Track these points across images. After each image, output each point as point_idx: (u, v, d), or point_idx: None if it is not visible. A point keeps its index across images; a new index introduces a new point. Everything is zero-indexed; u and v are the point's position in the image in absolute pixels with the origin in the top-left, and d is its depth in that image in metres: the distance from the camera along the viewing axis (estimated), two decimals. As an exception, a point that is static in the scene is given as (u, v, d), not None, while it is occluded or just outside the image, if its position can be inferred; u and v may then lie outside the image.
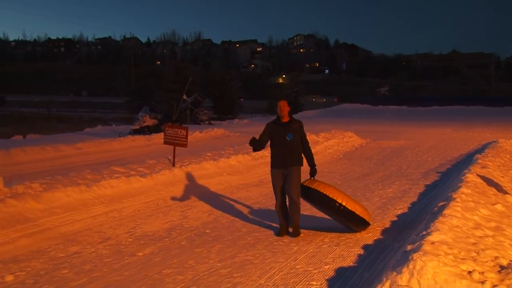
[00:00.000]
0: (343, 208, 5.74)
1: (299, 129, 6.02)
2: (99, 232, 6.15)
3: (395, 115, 34.10)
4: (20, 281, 4.58)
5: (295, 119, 6.07)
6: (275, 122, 6.08)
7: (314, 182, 5.95)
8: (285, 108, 5.98)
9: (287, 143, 5.89)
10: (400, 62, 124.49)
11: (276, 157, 5.98)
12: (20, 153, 12.35)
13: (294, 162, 5.91)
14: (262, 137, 6.07)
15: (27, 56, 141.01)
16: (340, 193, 5.88)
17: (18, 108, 50.40)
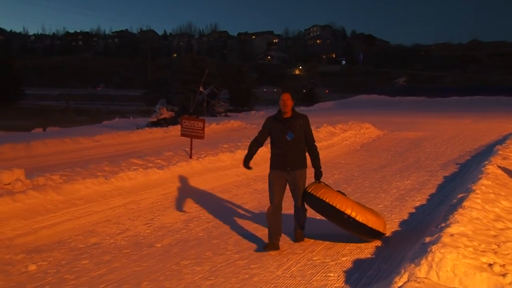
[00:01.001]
0: (353, 220, 5.01)
1: (302, 126, 5.21)
2: (118, 224, 6.22)
3: (413, 106, 33.68)
4: (43, 270, 4.67)
5: (299, 114, 5.27)
6: (275, 117, 5.25)
7: (319, 188, 5.19)
8: (289, 103, 5.14)
9: (288, 143, 5.11)
10: (418, 52, 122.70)
11: (277, 158, 5.20)
12: (41, 146, 12.55)
13: (297, 165, 5.17)
14: (260, 135, 5.32)
15: (46, 50, 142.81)
16: (349, 202, 5.13)
17: (37, 101, 51.15)
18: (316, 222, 5.86)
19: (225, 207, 7.11)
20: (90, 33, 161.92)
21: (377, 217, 5.23)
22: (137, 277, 4.50)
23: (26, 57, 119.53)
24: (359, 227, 5.05)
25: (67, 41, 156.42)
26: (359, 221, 5.01)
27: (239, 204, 7.23)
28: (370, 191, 7.99)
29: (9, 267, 4.74)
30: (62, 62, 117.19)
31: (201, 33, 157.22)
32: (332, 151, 12.64)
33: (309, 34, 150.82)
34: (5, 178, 6.47)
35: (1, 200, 5.94)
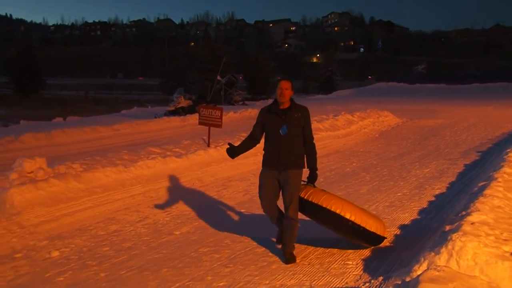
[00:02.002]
0: (352, 224, 4.41)
1: (300, 120, 4.47)
2: (137, 211, 6.30)
3: (433, 94, 33.19)
4: (65, 256, 4.77)
5: (298, 106, 4.52)
6: (269, 108, 4.55)
7: (310, 191, 4.53)
8: (287, 93, 4.42)
9: (281, 138, 4.41)
10: (438, 38, 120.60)
11: (269, 155, 4.52)
12: (61, 135, 12.74)
13: (292, 164, 4.43)
14: (254, 130, 4.65)
15: (66, 40, 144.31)
16: (346, 204, 4.52)
17: (57, 91, 51.80)
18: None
19: (243, 195, 7.14)
20: (108, 23, 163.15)
21: (375, 219, 4.62)
22: (157, 264, 4.56)
23: (46, 47, 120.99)
24: (358, 231, 4.44)
25: (85, 31, 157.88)
26: (360, 224, 4.42)
27: (257, 193, 7.23)
28: (389, 179, 7.93)
29: (34, 253, 4.85)
30: (80, 52, 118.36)
31: (218, 22, 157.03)
32: (351, 139, 12.56)
33: (326, 22, 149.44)
34: (27, 166, 6.58)
35: (24, 188, 6.06)
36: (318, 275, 4.18)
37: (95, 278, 4.25)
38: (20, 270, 4.44)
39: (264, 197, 4.56)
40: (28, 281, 4.20)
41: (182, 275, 4.27)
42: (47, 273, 4.37)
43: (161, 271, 4.36)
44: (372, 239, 4.54)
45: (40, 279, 4.24)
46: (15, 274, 4.35)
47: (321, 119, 13.88)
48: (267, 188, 4.53)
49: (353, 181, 7.87)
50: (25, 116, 21.07)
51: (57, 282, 4.17)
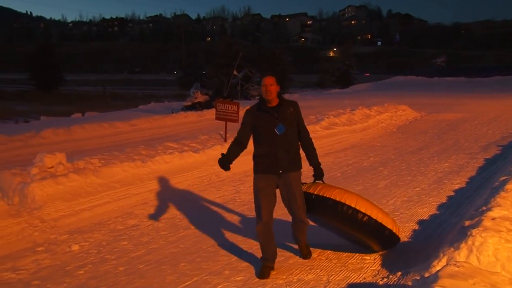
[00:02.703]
0: (368, 219, 4.03)
1: (294, 115, 4.11)
2: (155, 206, 6.35)
3: (452, 87, 32.71)
4: (85, 250, 4.84)
5: (287, 101, 4.15)
6: (258, 107, 4.11)
7: (320, 187, 4.23)
8: (273, 89, 3.99)
9: (278, 139, 4.00)
10: (458, 30, 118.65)
11: (264, 159, 4.05)
12: (80, 130, 12.90)
13: (291, 166, 4.07)
14: (241, 134, 4.16)
15: (84, 36, 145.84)
16: (361, 199, 4.18)
17: (76, 87, 52.43)
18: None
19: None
20: (125, 19, 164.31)
21: (391, 219, 4.27)
22: (175, 258, 4.59)
23: (64, 43, 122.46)
24: (375, 228, 4.07)
25: (103, 27, 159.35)
26: (377, 220, 4.04)
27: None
28: (406, 174, 7.86)
29: (55, 247, 4.93)
30: (98, 48, 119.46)
31: (234, 16, 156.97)
32: (368, 134, 12.47)
33: (343, 15, 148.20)
34: (48, 161, 6.68)
35: (45, 183, 6.16)
36: (335, 270, 4.16)
37: (114, 271, 4.30)
38: (41, 263, 4.52)
39: (264, 203, 4.01)
40: (50, 274, 4.28)
41: (199, 270, 4.30)
42: (68, 266, 4.44)
43: (179, 265, 4.40)
44: (387, 238, 4.16)
45: (61, 272, 4.31)
46: (37, 267, 4.43)
47: (338, 113, 13.79)
48: (267, 193, 4.03)
49: (371, 176, 7.81)
50: (45, 112, 21.40)
51: (78, 275, 4.23)
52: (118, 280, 4.13)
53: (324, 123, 12.34)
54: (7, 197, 5.96)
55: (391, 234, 4.16)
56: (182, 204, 6.41)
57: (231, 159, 4.19)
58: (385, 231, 4.12)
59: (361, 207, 4.06)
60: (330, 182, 7.39)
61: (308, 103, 21.55)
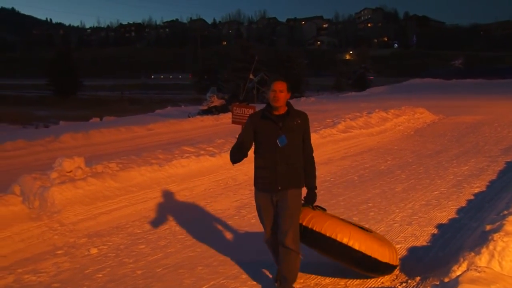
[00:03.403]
0: (362, 256, 3.73)
1: (300, 127, 3.69)
2: (172, 210, 6.38)
3: (471, 89, 32.26)
4: (103, 254, 4.88)
5: (296, 111, 3.73)
6: (263, 113, 3.71)
7: (309, 216, 3.79)
8: (282, 96, 3.63)
9: (278, 151, 3.61)
10: (476, 32, 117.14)
11: (263, 172, 3.69)
12: (98, 135, 13.05)
13: (290, 182, 3.65)
14: (242, 139, 3.74)
15: (101, 42, 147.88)
16: (354, 231, 3.79)
17: (94, 92, 53.11)
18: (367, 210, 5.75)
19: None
20: (142, 24, 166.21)
21: (388, 246, 3.92)
22: (192, 262, 4.61)
23: (83, 49, 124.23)
24: (370, 263, 3.78)
25: (120, 33, 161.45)
26: (371, 256, 3.75)
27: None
28: (425, 177, 7.76)
29: (74, 250, 4.99)
30: (116, 54, 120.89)
31: (250, 20, 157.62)
32: (385, 137, 12.36)
33: (359, 18, 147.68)
34: (67, 166, 6.77)
35: (64, 187, 6.23)
36: (353, 274, 4.13)
37: (132, 275, 4.33)
38: (61, 266, 4.57)
39: (267, 221, 3.74)
40: (69, 277, 4.33)
41: (216, 273, 4.30)
42: (87, 269, 4.49)
43: (196, 269, 4.41)
44: (384, 269, 3.89)
45: (80, 275, 4.35)
46: (57, 270, 4.49)
47: (354, 116, 13.72)
48: (269, 211, 3.72)
49: (388, 179, 7.74)
50: (64, 117, 21.74)
51: (96, 279, 4.27)
52: (136, 283, 4.16)
53: (340, 126, 12.28)
54: (28, 201, 6.06)
55: (387, 267, 3.85)
56: (199, 208, 6.43)
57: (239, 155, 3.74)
58: (381, 265, 3.80)
59: (355, 241, 3.69)
60: (347, 185, 7.40)
61: (325, 106, 21.46)
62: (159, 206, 6.52)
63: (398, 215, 5.82)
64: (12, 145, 10.93)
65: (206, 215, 6.13)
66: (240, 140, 3.73)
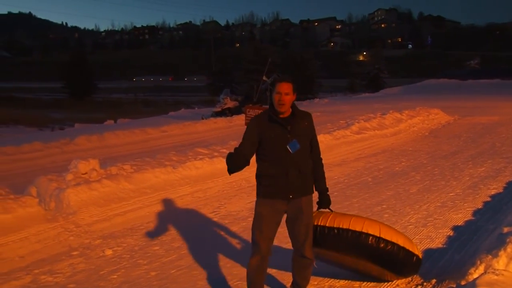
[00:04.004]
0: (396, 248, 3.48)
1: (307, 130, 3.46)
2: (186, 212, 6.40)
3: (487, 89, 31.87)
4: (118, 255, 4.92)
5: (301, 112, 3.47)
6: (270, 117, 3.39)
7: (330, 217, 3.57)
8: (288, 99, 3.33)
9: (289, 157, 3.33)
10: (492, 31, 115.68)
11: (272, 181, 3.38)
12: (112, 137, 13.16)
13: (303, 189, 3.41)
14: (245, 145, 3.42)
15: (116, 45, 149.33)
16: (383, 225, 3.61)
17: (108, 94, 53.61)
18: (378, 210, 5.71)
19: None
20: (155, 27, 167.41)
21: (412, 242, 3.71)
22: (206, 263, 4.61)
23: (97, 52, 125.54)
24: (402, 257, 3.52)
25: (134, 36, 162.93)
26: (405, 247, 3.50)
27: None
28: (440, 179, 7.69)
29: (89, 251, 5.03)
30: (130, 56, 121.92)
31: (263, 22, 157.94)
32: (399, 138, 12.27)
33: (373, 19, 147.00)
34: (82, 168, 6.83)
35: (79, 189, 6.30)
36: (367, 277, 4.09)
37: (146, 276, 4.35)
38: (76, 267, 4.62)
39: (266, 233, 3.37)
40: (84, 278, 4.37)
41: (230, 275, 4.30)
42: (102, 270, 4.52)
43: (210, 271, 4.41)
44: (414, 265, 3.64)
45: (95, 276, 4.39)
46: (73, 271, 4.53)
47: (368, 118, 13.63)
48: (271, 222, 3.38)
49: (403, 181, 7.67)
50: (79, 119, 21.98)
51: (111, 280, 4.30)
52: (150, 284, 4.18)
53: (354, 127, 12.22)
54: (44, 202, 6.13)
55: (418, 260, 3.62)
56: (213, 210, 6.45)
57: (238, 165, 3.38)
58: (413, 257, 3.57)
59: (386, 235, 3.49)
60: (361, 187, 7.36)
61: (338, 108, 21.37)
62: (173, 208, 6.55)
63: (413, 216, 5.76)
64: (29, 147, 11.08)
65: (220, 217, 6.14)
66: (242, 152, 3.36)
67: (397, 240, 3.49)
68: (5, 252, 4.98)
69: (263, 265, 3.42)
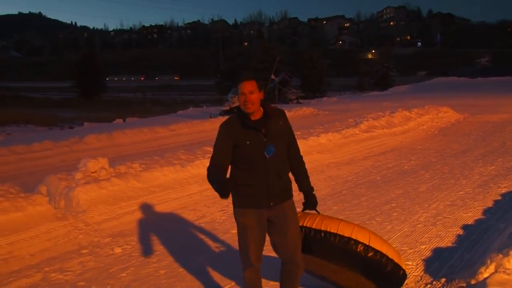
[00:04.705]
0: (381, 258, 3.21)
1: (283, 130, 3.17)
2: (195, 210, 6.42)
3: (497, 87, 31.60)
4: (127, 253, 4.94)
5: (274, 111, 3.17)
6: (242, 122, 3.07)
7: (317, 219, 3.31)
8: (254, 97, 3.03)
9: (268, 163, 3.06)
10: (504, 28, 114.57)
11: (251, 190, 3.09)
12: (121, 136, 13.22)
13: (284, 194, 3.19)
14: (219, 155, 3.10)
15: (124, 44, 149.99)
16: (372, 234, 3.31)
17: (117, 94, 53.86)
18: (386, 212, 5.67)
19: (298, 194, 7.09)
20: (164, 26, 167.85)
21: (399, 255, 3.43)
22: (215, 261, 4.62)
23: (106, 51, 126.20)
24: (387, 269, 3.24)
25: (143, 35, 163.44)
26: (392, 259, 3.25)
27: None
28: (449, 178, 7.63)
29: (98, 249, 5.07)
30: (138, 55, 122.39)
31: (271, 21, 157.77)
32: (408, 137, 12.20)
33: (382, 17, 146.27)
34: (91, 166, 6.87)
35: (89, 187, 6.34)
36: None
37: (155, 274, 4.37)
38: (86, 265, 4.65)
39: (253, 244, 3.13)
40: (94, 276, 4.40)
41: (240, 272, 4.30)
42: (111, 268, 4.55)
43: (219, 269, 4.42)
44: (400, 278, 3.36)
45: (105, 274, 4.42)
46: (82, 269, 4.56)
47: (377, 116, 13.57)
48: (256, 232, 3.13)
49: (412, 179, 7.63)
50: (88, 118, 22.10)
51: (120, 278, 4.33)
52: (159, 283, 4.20)
53: (363, 126, 12.17)
54: (54, 201, 6.18)
55: (404, 275, 3.37)
56: (221, 208, 6.45)
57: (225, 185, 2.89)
58: (400, 271, 3.31)
59: (376, 244, 3.21)
60: (370, 186, 7.33)
61: (347, 106, 21.30)
62: (181, 207, 6.57)
63: (422, 215, 5.73)
64: (39, 146, 11.17)
65: (229, 215, 6.15)
66: (217, 162, 3.07)
67: (386, 251, 3.23)
68: (16, 250, 5.03)
69: (257, 277, 3.25)
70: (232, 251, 4.88)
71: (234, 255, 4.74)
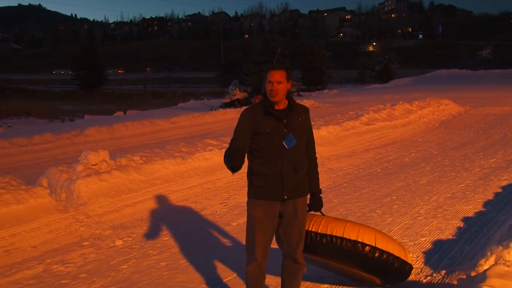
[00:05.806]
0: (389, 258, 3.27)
1: (304, 125, 3.12)
2: (195, 203, 6.43)
3: (499, 80, 31.52)
4: (128, 245, 4.96)
5: (299, 105, 3.14)
6: (265, 109, 3.05)
7: (322, 222, 3.30)
8: (281, 88, 3.00)
9: (285, 154, 3.01)
10: (506, 20, 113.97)
11: (266, 180, 3.04)
12: (122, 128, 13.22)
13: (299, 190, 3.11)
14: (238, 140, 3.06)
15: (125, 36, 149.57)
16: (379, 234, 3.36)
17: (118, 86, 53.74)
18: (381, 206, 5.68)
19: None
20: (164, 18, 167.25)
21: (405, 250, 3.49)
22: (216, 253, 4.63)
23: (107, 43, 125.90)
24: (394, 266, 3.32)
25: (143, 27, 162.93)
26: (399, 257, 3.32)
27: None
28: (450, 170, 7.64)
29: (99, 242, 5.08)
30: (139, 48, 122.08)
31: (272, 13, 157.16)
32: (409, 129, 12.19)
33: (383, 9, 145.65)
34: (92, 159, 6.87)
35: (90, 180, 6.34)
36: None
37: (156, 266, 4.39)
38: (88, 257, 4.67)
39: (260, 238, 3.06)
40: (95, 268, 4.41)
41: (242, 264, 4.31)
42: (112, 260, 4.57)
43: (220, 261, 4.43)
44: (406, 273, 3.45)
45: (106, 266, 4.43)
46: (84, 261, 4.58)
47: (378, 109, 13.55)
48: (266, 226, 3.07)
49: (412, 172, 7.64)
50: (89, 111, 22.10)
51: (122, 270, 4.34)
52: (161, 275, 4.21)
53: (364, 118, 12.16)
54: (55, 193, 6.19)
55: (410, 269, 3.45)
56: (222, 201, 6.47)
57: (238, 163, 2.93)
58: (406, 266, 3.38)
59: (382, 244, 3.25)
60: (371, 178, 7.33)
61: (348, 99, 21.27)
62: (182, 199, 6.58)
63: (422, 208, 5.74)
64: (40, 138, 11.18)
65: (230, 208, 6.16)
66: (236, 147, 3.01)
67: (392, 250, 3.28)
68: (18, 241, 5.05)
69: (260, 272, 3.15)
70: (233, 243, 4.89)
71: (235, 247, 4.76)
